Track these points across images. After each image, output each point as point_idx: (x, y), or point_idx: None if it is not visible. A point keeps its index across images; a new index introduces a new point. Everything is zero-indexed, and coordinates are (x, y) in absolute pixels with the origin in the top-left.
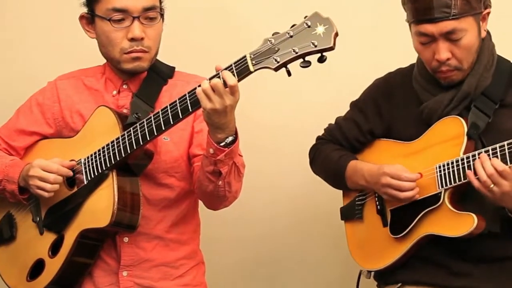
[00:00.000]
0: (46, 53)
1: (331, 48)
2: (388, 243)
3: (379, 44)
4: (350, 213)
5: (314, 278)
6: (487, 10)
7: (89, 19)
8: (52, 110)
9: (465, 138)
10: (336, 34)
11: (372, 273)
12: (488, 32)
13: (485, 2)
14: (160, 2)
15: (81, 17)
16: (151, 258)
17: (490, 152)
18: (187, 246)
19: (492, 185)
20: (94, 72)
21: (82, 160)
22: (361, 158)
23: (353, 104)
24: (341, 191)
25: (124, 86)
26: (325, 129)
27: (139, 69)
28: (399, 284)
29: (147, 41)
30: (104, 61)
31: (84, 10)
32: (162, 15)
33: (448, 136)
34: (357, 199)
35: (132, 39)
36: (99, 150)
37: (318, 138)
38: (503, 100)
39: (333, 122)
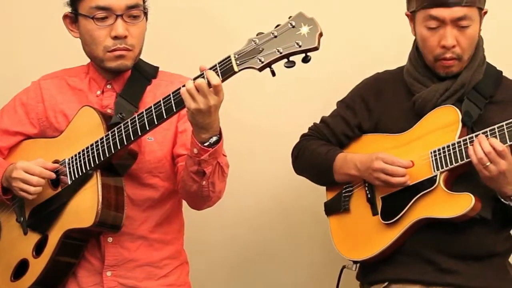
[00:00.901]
0: (30, 53)
1: (315, 48)
2: (378, 231)
3: (364, 44)
4: (335, 206)
5: (298, 277)
6: (484, 10)
7: (73, 18)
8: (36, 110)
9: (460, 124)
10: (321, 34)
11: (358, 264)
12: (480, 36)
13: (484, 2)
14: (144, 1)
15: (65, 17)
16: (135, 258)
17: (488, 133)
18: (171, 246)
19: (488, 163)
20: (78, 72)
21: (66, 160)
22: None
23: (340, 102)
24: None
25: (108, 86)
26: (310, 128)
27: (122, 68)
28: (386, 283)
29: (130, 39)
30: (88, 61)
31: (68, 9)
32: (145, 14)
33: (442, 124)
34: (344, 191)
35: (116, 37)
36: (83, 150)
37: (303, 136)
38: (492, 97)
39: (318, 122)
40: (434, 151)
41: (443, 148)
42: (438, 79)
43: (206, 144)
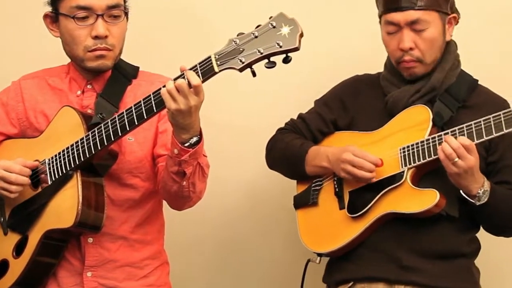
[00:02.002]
0: (10, 53)
1: (296, 49)
2: (344, 225)
3: (343, 46)
4: (304, 199)
5: (278, 276)
6: (453, 15)
7: (53, 17)
8: (16, 110)
9: (431, 123)
10: (301, 35)
11: (322, 257)
12: (454, 42)
13: (453, 7)
14: (125, 1)
15: (45, 16)
16: (115, 259)
17: (457, 131)
18: (151, 246)
19: (456, 159)
20: (58, 72)
21: (46, 160)
22: None
23: (317, 100)
24: None
25: (89, 86)
26: (286, 123)
27: (103, 67)
28: (351, 283)
29: (111, 39)
30: (69, 60)
31: (48, 9)
32: (126, 14)
33: (413, 123)
34: (313, 184)
35: (96, 37)
36: (63, 151)
37: (279, 129)
38: (465, 101)
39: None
40: (403, 148)
41: (412, 145)
42: (411, 82)
43: (186, 145)
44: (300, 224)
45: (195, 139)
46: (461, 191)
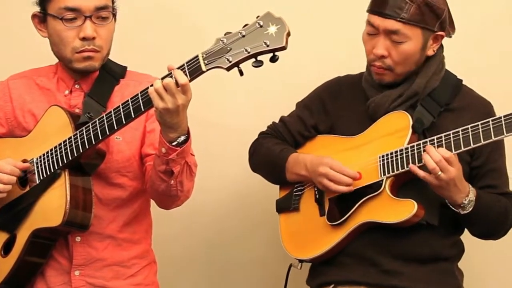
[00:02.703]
0: None
1: (283, 48)
2: (324, 232)
3: (329, 46)
4: (286, 205)
5: (263, 275)
6: (441, 33)
7: (42, 18)
8: (4, 110)
9: (410, 130)
10: (288, 34)
11: (303, 263)
12: (441, 44)
13: (443, 25)
14: (113, 2)
15: (33, 16)
16: (103, 258)
17: (435, 141)
18: (139, 245)
19: (440, 172)
20: (46, 71)
21: (35, 160)
22: (302, 152)
23: (299, 103)
24: None
25: (76, 86)
26: (268, 126)
27: (90, 69)
28: (332, 286)
29: (98, 41)
30: (57, 60)
31: (37, 9)
32: (114, 15)
33: (392, 129)
34: (295, 189)
35: (84, 38)
36: (51, 150)
37: (261, 133)
38: (448, 105)
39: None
40: (382, 156)
41: (391, 153)
42: (392, 86)
43: (174, 144)
44: (282, 230)
45: (182, 138)
46: (446, 200)
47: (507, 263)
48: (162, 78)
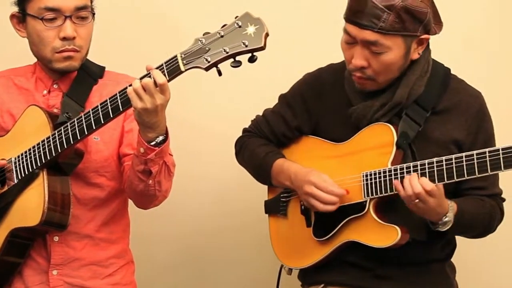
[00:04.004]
0: None
1: (261, 48)
2: (311, 244)
3: (307, 43)
4: (274, 208)
5: (241, 275)
6: (425, 36)
7: (20, 18)
8: None
9: (394, 148)
10: (267, 34)
11: (293, 270)
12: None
13: (427, 27)
14: (91, 2)
15: (12, 16)
16: (81, 257)
17: (419, 167)
18: (116, 245)
19: (417, 200)
20: (25, 71)
21: (13, 159)
22: (287, 154)
23: (282, 97)
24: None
25: (55, 86)
26: (252, 121)
27: (70, 68)
28: (322, 285)
29: (78, 41)
30: (35, 60)
31: (15, 9)
32: (93, 15)
33: (377, 144)
34: (281, 195)
35: (64, 38)
36: (29, 149)
37: (245, 130)
38: (434, 108)
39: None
40: (366, 175)
41: (375, 173)
42: (374, 93)
43: (152, 144)
44: (272, 232)
45: (161, 138)
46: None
47: (498, 255)
48: (141, 78)
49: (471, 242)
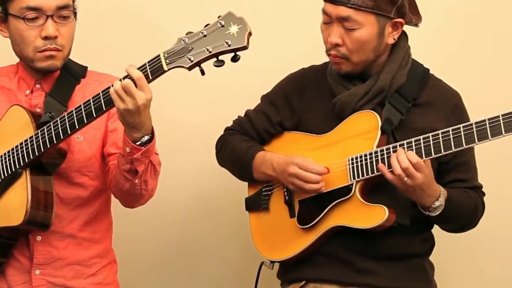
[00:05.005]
0: None
1: (244, 48)
2: (295, 234)
3: (290, 43)
4: (255, 204)
5: (223, 273)
6: (400, 20)
7: (3, 18)
8: None
9: (379, 132)
10: (250, 34)
11: (274, 264)
12: (405, 35)
13: (401, 11)
14: (73, 1)
15: None
16: (63, 257)
17: (405, 145)
18: (99, 244)
19: (406, 178)
20: (7, 71)
21: None
22: (269, 150)
23: (264, 97)
24: None
25: (37, 86)
26: (234, 121)
27: (52, 68)
28: (303, 282)
29: (60, 40)
30: (17, 60)
31: None
32: (75, 14)
33: (361, 130)
34: (263, 189)
35: (46, 38)
36: (12, 149)
37: (227, 129)
38: (415, 100)
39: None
40: (352, 159)
41: (361, 156)
42: (360, 80)
43: (138, 143)
44: (253, 229)
45: (146, 137)
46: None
47: (474, 254)
48: (122, 79)
49: (448, 241)
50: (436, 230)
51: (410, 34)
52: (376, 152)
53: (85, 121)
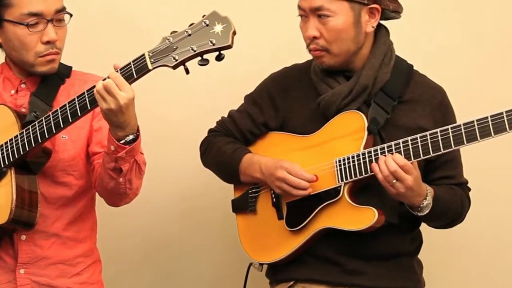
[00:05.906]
0: None
1: (229, 46)
2: (283, 236)
3: (274, 42)
4: (242, 206)
5: (209, 274)
6: (375, 6)
7: None
8: None
9: (366, 133)
10: (234, 33)
11: (263, 266)
12: (386, 29)
13: None
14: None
15: None
16: (48, 256)
17: (393, 147)
18: (84, 244)
19: (394, 181)
20: None
21: None
22: (254, 151)
23: (247, 96)
24: None
25: (23, 85)
26: (217, 122)
27: (52, 71)
28: (292, 282)
29: (59, 43)
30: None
31: None
32: (71, 16)
33: (348, 131)
34: (250, 191)
35: (48, 42)
36: None
37: (210, 131)
38: (400, 97)
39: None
40: (339, 160)
41: (348, 158)
42: (344, 77)
43: (122, 142)
44: (240, 230)
45: (131, 136)
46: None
47: (461, 252)
48: (104, 79)
49: (435, 238)
50: (424, 228)
51: (392, 30)
52: (363, 154)
53: (70, 120)
